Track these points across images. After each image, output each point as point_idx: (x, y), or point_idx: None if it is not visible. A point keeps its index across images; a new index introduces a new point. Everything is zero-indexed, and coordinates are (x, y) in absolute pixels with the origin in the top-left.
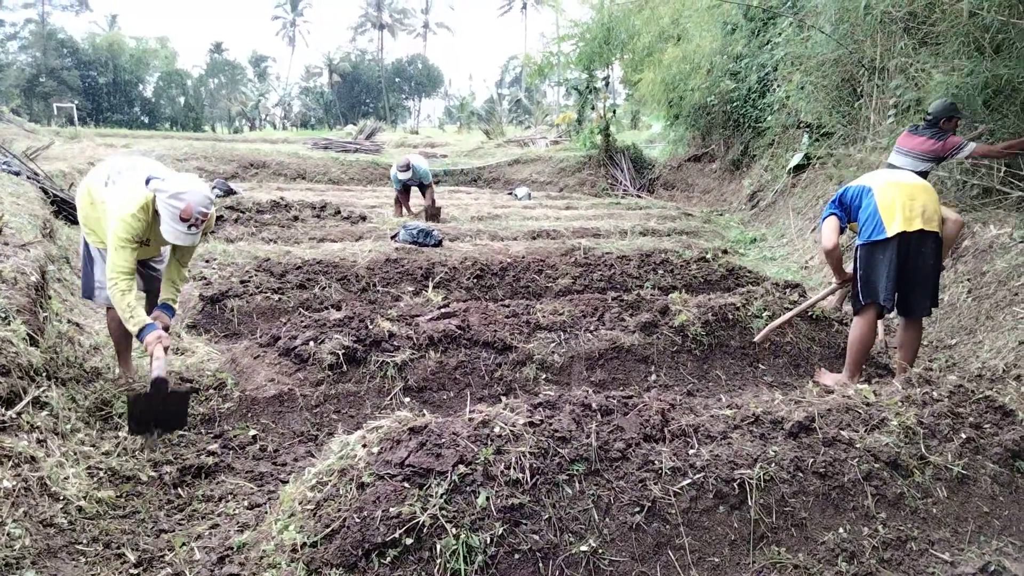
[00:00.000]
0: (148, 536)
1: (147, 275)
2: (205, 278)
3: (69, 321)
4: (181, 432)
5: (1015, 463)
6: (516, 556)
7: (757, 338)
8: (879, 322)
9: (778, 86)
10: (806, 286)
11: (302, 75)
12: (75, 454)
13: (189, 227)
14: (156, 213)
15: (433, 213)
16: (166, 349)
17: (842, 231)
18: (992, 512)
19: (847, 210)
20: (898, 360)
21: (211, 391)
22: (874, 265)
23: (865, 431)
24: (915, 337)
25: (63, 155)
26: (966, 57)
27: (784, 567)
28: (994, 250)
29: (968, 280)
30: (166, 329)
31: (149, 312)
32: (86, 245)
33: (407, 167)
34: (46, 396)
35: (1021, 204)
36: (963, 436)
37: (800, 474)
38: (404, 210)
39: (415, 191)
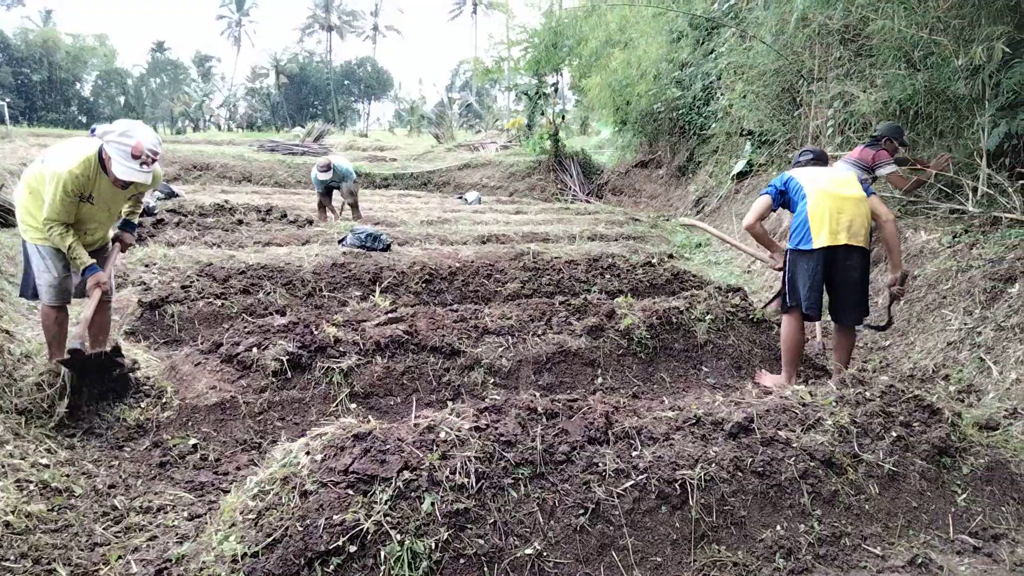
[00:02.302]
0: (82, 550)
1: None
2: (145, 283)
3: None
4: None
5: (941, 459)
6: (461, 561)
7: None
8: (817, 324)
9: (722, 94)
10: (748, 289)
11: (248, 76)
12: (3, 467)
13: (141, 164)
14: (100, 168)
15: (352, 204)
16: (104, 292)
17: (773, 211)
18: (920, 507)
19: (785, 198)
20: (834, 362)
21: (150, 399)
22: (798, 272)
23: (801, 431)
24: (849, 340)
25: None
26: (897, 69)
27: (724, 565)
28: (924, 255)
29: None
30: (125, 246)
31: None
32: (26, 245)
33: (327, 167)
34: None
35: (947, 214)
36: (894, 434)
37: (739, 474)
38: (329, 213)
39: (336, 194)
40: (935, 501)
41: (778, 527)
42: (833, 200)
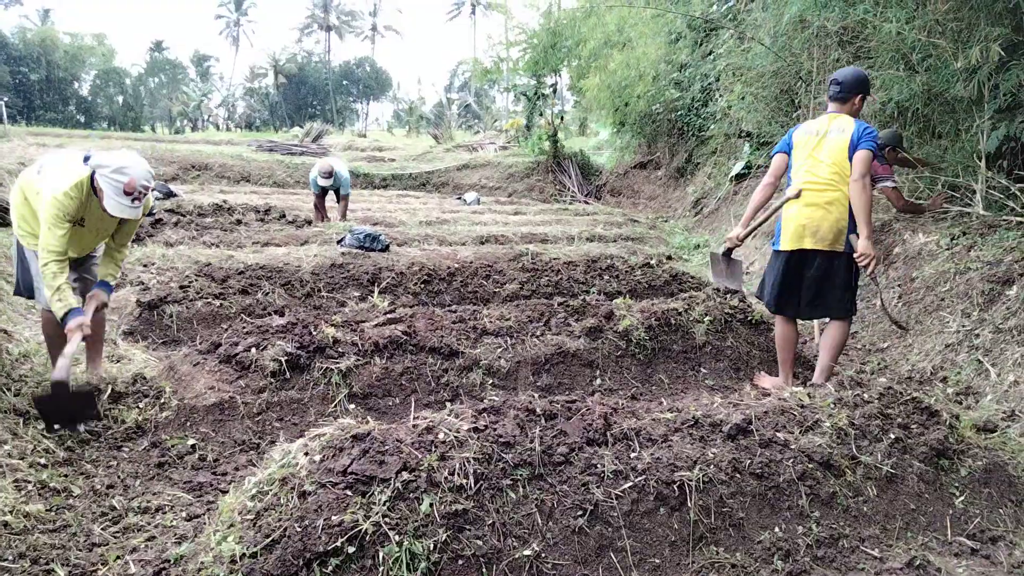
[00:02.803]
0: (80, 550)
1: (83, 278)
2: (143, 283)
3: None
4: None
5: (939, 462)
6: (460, 562)
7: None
8: (814, 323)
9: (720, 96)
10: (746, 291)
11: (246, 76)
12: (1, 467)
13: (133, 200)
14: (92, 192)
15: (344, 210)
16: (85, 337)
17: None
18: (918, 509)
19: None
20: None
21: (148, 400)
22: (768, 268)
23: (800, 432)
24: (832, 336)
25: None
26: (896, 71)
27: (722, 566)
28: (923, 257)
29: (899, 286)
30: (104, 307)
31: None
32: (20, 248)
33: (329, 174)
34: None
35: (944, 216)
36: (892, 436)
37: (738, 475)
38: (324, 216)
39: (330, 195)
40: (933, 503)
41: (776, 529)
42: (805, 204)
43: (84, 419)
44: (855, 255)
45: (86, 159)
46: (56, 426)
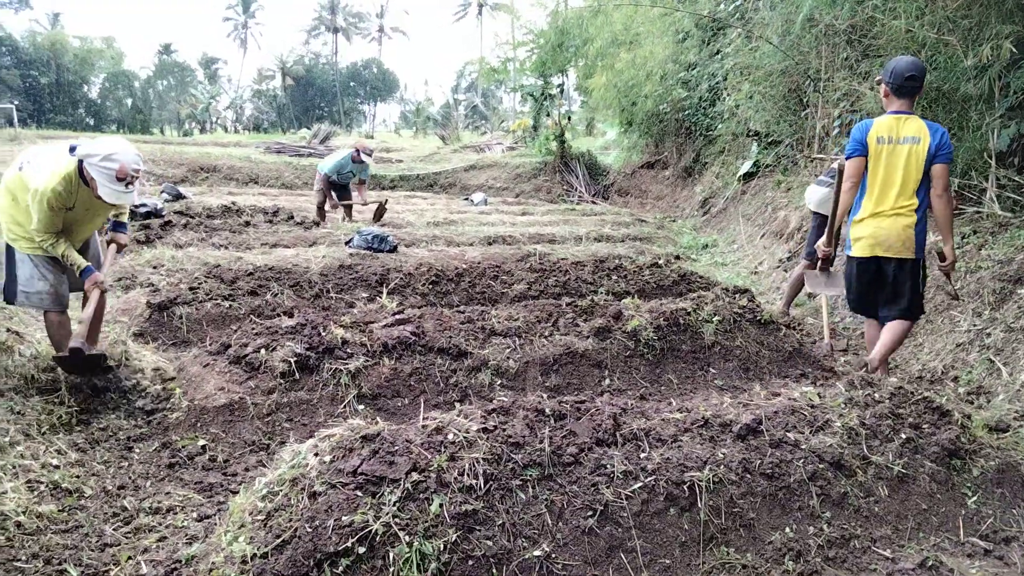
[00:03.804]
0: (92, 551)
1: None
2: (153, 285)
3: (8, 330)
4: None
5: (951, 461)
6: (470, 562)
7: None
8: (825, 326)
9: (728, 95)
10: (755, 291)
11: (254, 78)
12: (14, 468)
13: (126, 185)
14: (81, 182)
15: (349, 206)
16: (103, 292)
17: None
18: (930, 509)
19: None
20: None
21: (158, 400)
22: (846, 273)
23: (810, 432)
24: (895, 331)
25: (1, 157)
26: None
27: (733, 567)
28: (933, 256)
29: None
30: (123, 248)
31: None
32: (9, 249)
33: (371, 151)
34: None
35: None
36: (903, 436)
37: (748, 475)
38: (335, 211)
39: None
40: (945, 503)
41: (787, 529)
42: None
43: (97, 373)
44: (943, 263)
45: (72, 149)
46: (74, 377)
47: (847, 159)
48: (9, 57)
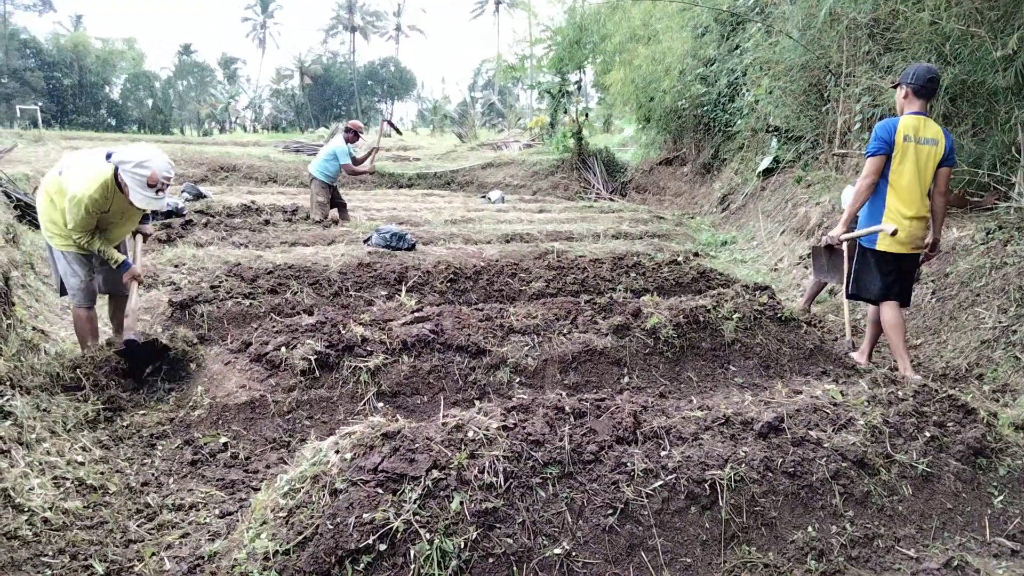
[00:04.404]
0: (117, 547)
1: (107, 274)
2: (174, 283)
3: (34, 328)
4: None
5: (977, 460)
6: (490, 560)
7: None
8: (847, 323)
9: (747, 90)
10: (775, 288)
11: (272, 77)
12: (41, 464)
13: (157, 192)
14: (117, 188)
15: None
16: (140, 284)
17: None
18: (955, 508)
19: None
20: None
21: (180, 398)
22: (864, 265)
23: (833, 431)
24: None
25: (27, 158)
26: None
27: (755, 566)
28: (957, 252)
29: (932, 281)
30: (145, 237)
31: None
32: (51, 249)
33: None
34: (10, 405)
35: (977, 209)
36: (927, 434)
37: (770, 474)
38: (343, 210)
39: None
40: (971, 503)
41: (809, 528)
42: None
43: (156, 359)
44: (931, 252)
45: (108, 156)
46: (138, 371)
47: (871, 156)
48: (33, 59)
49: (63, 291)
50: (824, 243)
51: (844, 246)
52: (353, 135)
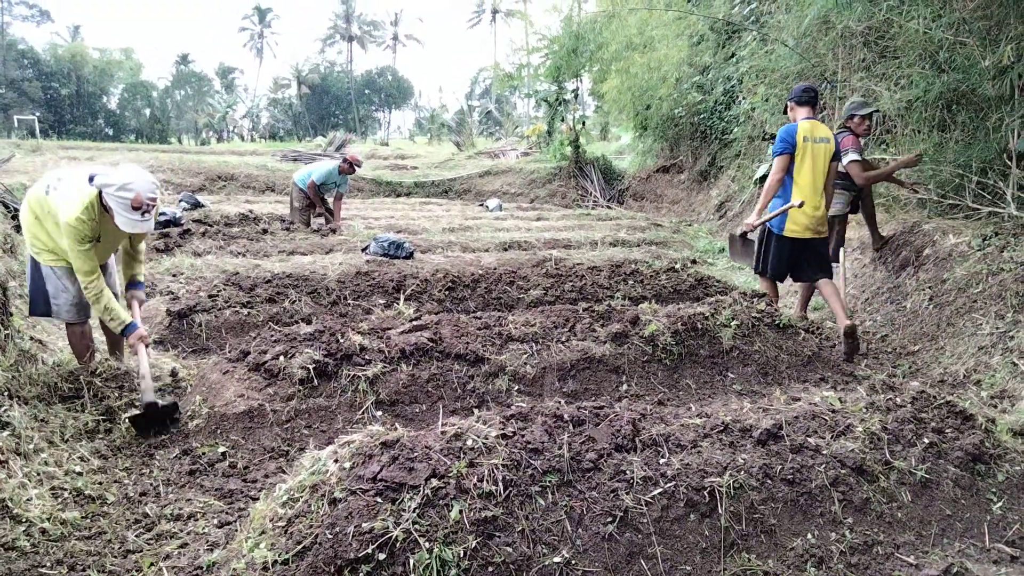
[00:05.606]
0: (115, 557)
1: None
2: (172, 292)
3: (31, 338)
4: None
5: (975, 466)
6: (490, 569)
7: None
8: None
9: (743, 98)
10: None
11: (270, 87)
12: (39, 475)
13: (142, 214)
14: (102, 210)
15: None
16: (147, 346)
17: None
18: (954, 515)
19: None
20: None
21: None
22: (768, 247)
23: (831, 438)
24: (834, 287)
25: (24, 168)
26: (922, 69)
27: (754, 573)
28: (953, 258)
29: (929, 288)
30: (140, 303)
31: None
32: (34, 262)
33: (360, 164)
34: (8, 416)
35: (970, 215)
36: (926, 441)
37: (769, 481)
38: (318, 220)
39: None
40: (970, 509)
41: (809, 535)
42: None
43: (170, 423)
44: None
45: (91, 179)
46: (146, 434)
47: (777, 155)
48: (31, 69)
49: (34, 310)
50: (740, 232)
51: (755, 232)
52: (349, 167)
